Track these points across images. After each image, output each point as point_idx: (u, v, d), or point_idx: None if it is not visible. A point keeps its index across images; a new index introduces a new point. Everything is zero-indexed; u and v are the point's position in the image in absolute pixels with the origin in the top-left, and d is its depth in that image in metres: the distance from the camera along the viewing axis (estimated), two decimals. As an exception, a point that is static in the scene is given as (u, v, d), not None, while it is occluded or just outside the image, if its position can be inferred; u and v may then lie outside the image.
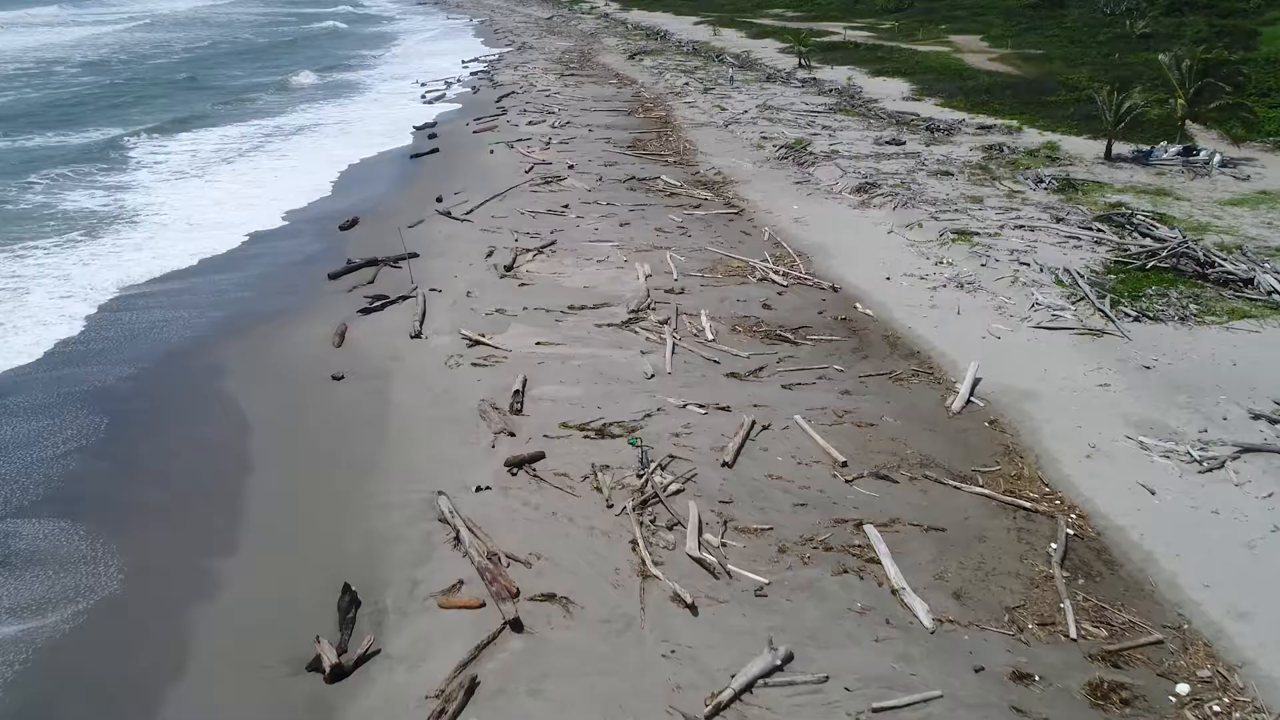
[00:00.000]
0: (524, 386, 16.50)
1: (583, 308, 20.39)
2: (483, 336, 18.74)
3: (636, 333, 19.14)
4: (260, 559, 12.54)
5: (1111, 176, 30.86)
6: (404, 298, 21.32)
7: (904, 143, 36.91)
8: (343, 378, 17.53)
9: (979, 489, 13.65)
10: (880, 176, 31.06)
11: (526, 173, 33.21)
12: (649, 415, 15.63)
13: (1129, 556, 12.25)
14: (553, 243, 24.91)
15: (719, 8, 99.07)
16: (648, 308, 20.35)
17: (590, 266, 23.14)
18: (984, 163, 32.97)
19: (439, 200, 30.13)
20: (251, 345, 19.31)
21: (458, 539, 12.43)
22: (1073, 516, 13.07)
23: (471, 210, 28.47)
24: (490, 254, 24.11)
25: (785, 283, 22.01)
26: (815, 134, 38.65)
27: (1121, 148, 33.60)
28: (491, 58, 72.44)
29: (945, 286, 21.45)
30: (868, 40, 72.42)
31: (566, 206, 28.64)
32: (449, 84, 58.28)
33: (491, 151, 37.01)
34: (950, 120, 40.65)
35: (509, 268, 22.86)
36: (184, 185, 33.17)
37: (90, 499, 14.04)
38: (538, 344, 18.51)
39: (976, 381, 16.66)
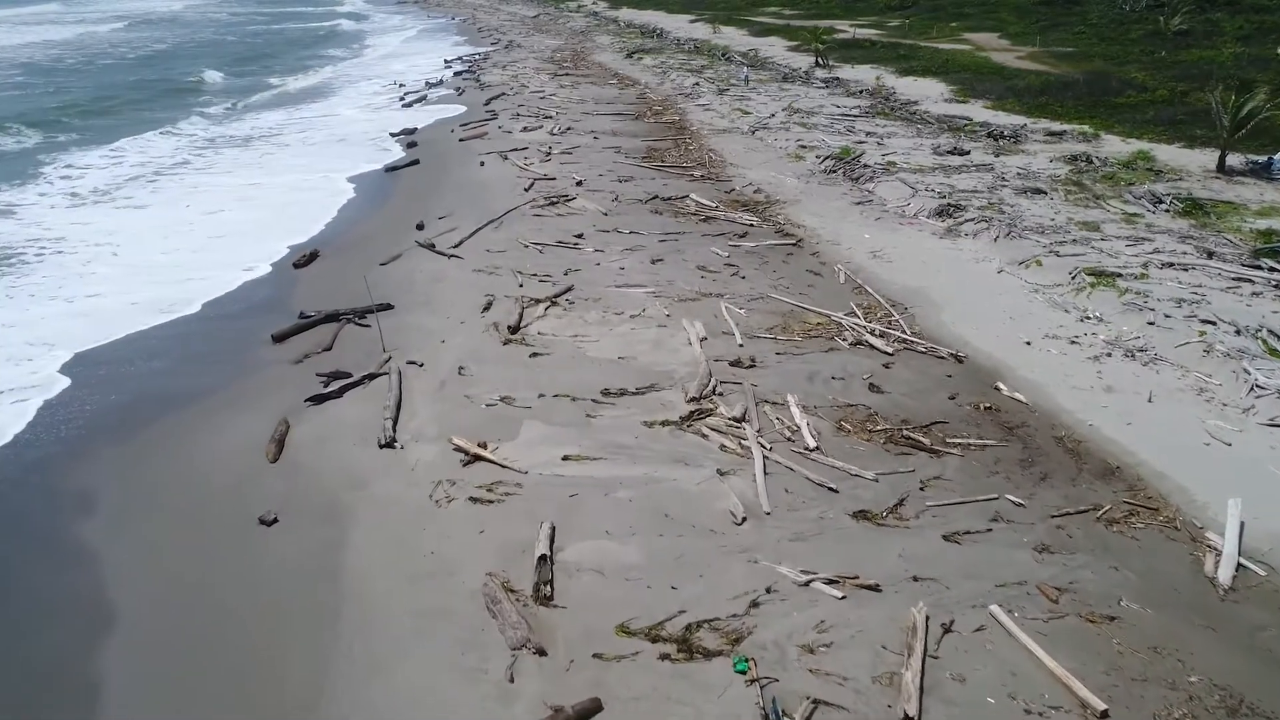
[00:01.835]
0: (552, 546, 10.68)
1: (622, 393, 14.56)
2: (484, 448, 12.87)
3: (705, 436, 13.33)
4: None
5: (1237, 194, 25.37)
6: (372, 376, 15.41)
7: (967, 152, 31.37)
8: (276, 521, 11.62)
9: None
10: (960, 195, 25.47)
11: (526, 190, 27.35)
12: (756, 603, 9.83)
13: None
14: (569, 289, 19.06)
15: (713, 6, 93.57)
16: (713, 392, 14.56)
17: (622, 324, 17.33)
18: (1075, 177, 27.44)
19: (419, 227, 24.24)
20: (143, 456, 13.37)
21: None
22: None
23: (461, 241, 22.58)
24: (488, 306, 18.23)
25: (889, 349, 16.28)
26: (861, 142, 33.03)
27: (1230, 158, 28.20)
28: (477, 57, 66.49)
29: (1110, 355, 15.79)
30: (882, 38, 67.70)
31: (580, 236, 22.79)
32: (431, 85, 52.29)
33: (482, 164, 31.13)
34: (1010, 125, 35.20)
35: (514, 328, 17.00)
36: (93, 212, 26.87)
37: None
38: (565, 459, 12.67)
39: (1241, 528, 11.00)
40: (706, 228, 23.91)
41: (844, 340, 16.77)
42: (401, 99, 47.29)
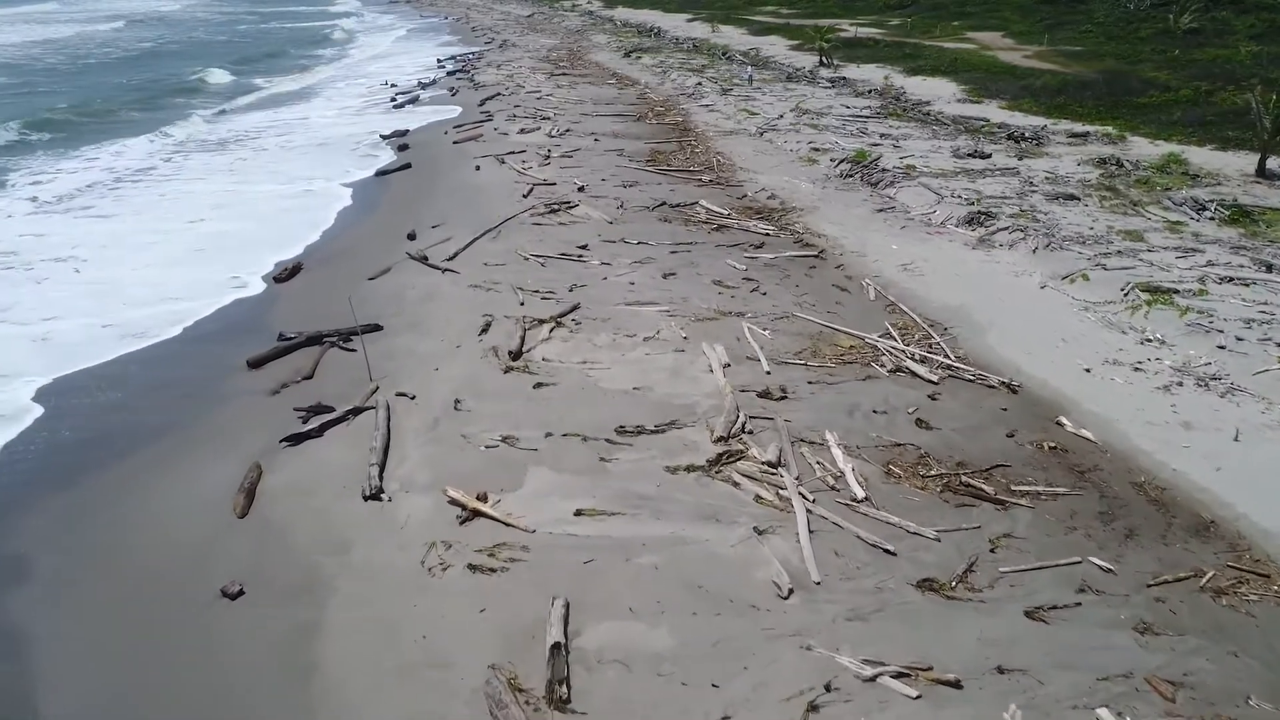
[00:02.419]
0: (567, 629, 8.98)
1: (639, 431, 12.87)
2: (484, 501, 11.17)
3: (736, 485, 11.66)
4: None
5: (1283, 200, 23.85)
6: (356, 411, 13.69)
7: (989, 154, 29.80)
8: (241, 593, 9.90)
9: None
10: (989, 202, 23.86)
11: (524, 197, 25.64)
12: (815, 706, 8.15)
13: None
14: (575, 308, 17.35)
15: (710, 5, 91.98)
16: (742, 430, 12.88)
17: (635, 348, 15.63)
18: (1107, 182, 25.88)
19: (411, 238, 22.53)
20: (91, 510, 11.63)
21: None
22: None
23: (456, 253, 20.87)
24: (486, 328, 16.51)
25: (934, 377, 14.62)
26: (876, 144, 31.42)
27: (1270, 161, 26.64)
28: (471, 56, 64.75)
29: (1181, 384, 14.16)
30: (885, 37, 66.40)
31: (585, 248, 21.10)
32: (424, 85, 50.54)
33: (477, 168, 29.41)
34: (1029, 127, 33.66)
35: (516, 354, 15.29)
36: (54, 222, 24.98)
37: None
38: (578, 514, 10.98)
39: (1380, 606, 9.38)
40: (720, 237, 22.24)
41: (882, 366, 15.10)
42: (393, 100, 45.53)
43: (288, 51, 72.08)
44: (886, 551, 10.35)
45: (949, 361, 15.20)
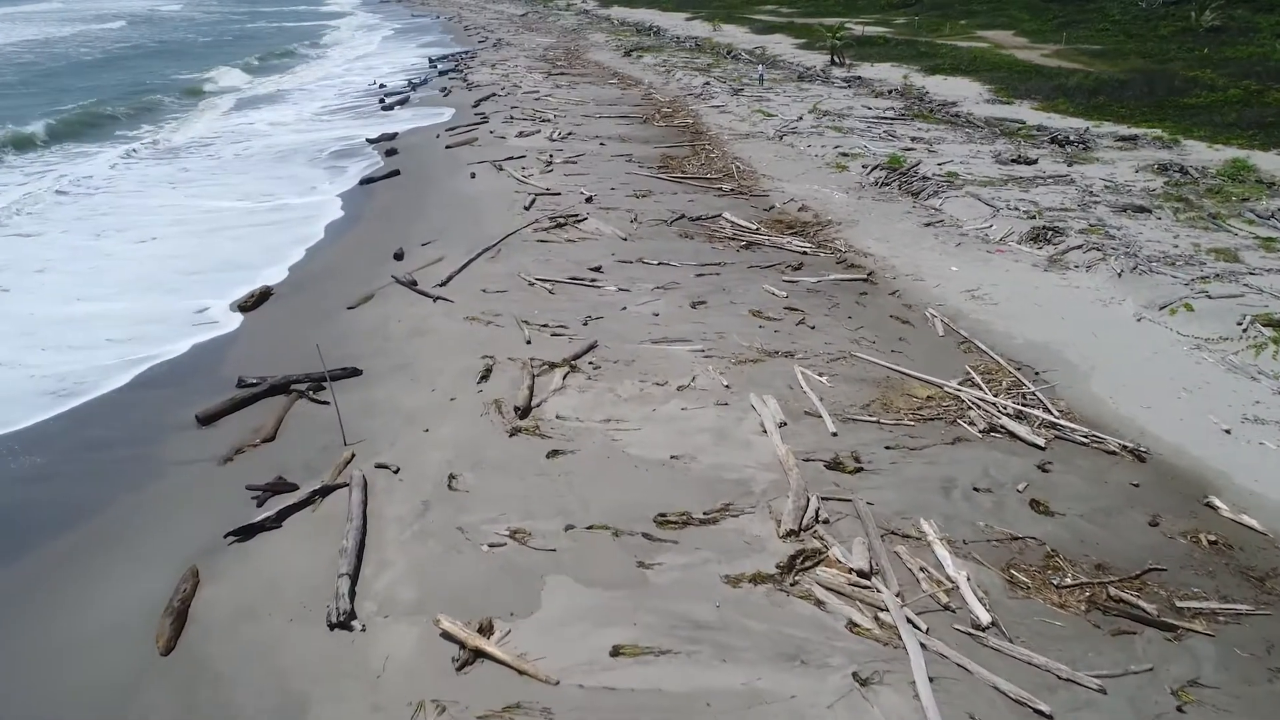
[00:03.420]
0: None
1: (685, 522, 10.08)
2: (488, 634, 8.36)
3: (820, 603, 8.88)
4: None
5: (1378, 212, 21.20)
6: (325, 491, 10.87)
7: (1034, 160, 27.15)
8: (152, 787, 7.10)
9: None
10: (1051, 215, 21.18)
11: (526, 209, 22.84)
12: None
13: None
14: (592, 347, 14.56)
15: (709, 3, 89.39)
16: (816, 518, 10.11)
17: (668, 401, 12.84)
18: (1174, 191, 23.21)
19: (398, 257, 19.74)
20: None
21: None
22: None
23: (450, 277, 18.06)
24: (486, 374, 13.70)
25: (1039, 439, 11.88)
26: (909, 149, 28.72)
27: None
28: (464, 55, 61.94)
29: (1350, 450, 11.46)
30: (894, 35, 64.21)
31: (598, 270, 18.32)
32: (414, 85, 47.75)
33: (473, 175, 26.61)
34: (1070, 129, 31.08)
35: (524, 410, 12.48)
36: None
37: None
38: (616, 653, 8.20)
39: None
40: (750, 256, 19.49)
41: (971, 424, 12.35)
42: (381, 101, 42.72)
43: (275, 50, 69.10)
44: (1039, 714, 7.59)
45: (1053, 419, 12.45)
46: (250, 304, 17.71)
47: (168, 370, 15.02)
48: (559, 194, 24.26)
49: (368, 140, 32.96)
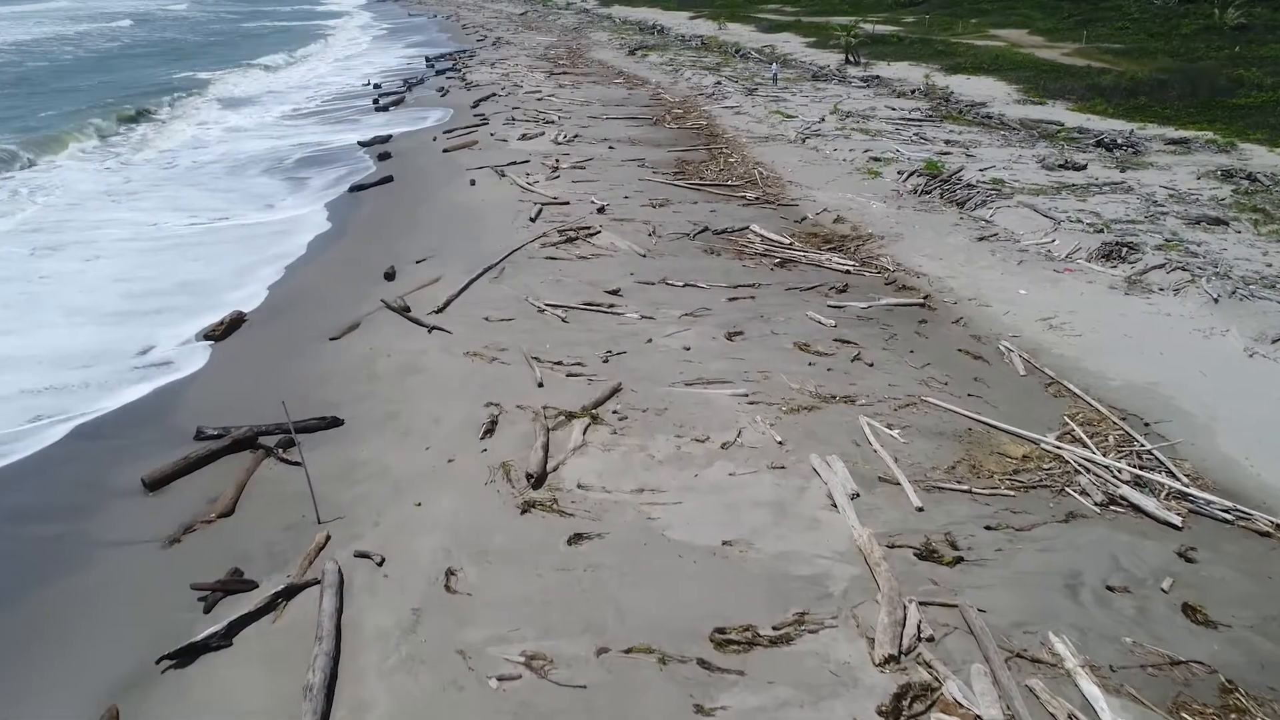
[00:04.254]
0: None
1: (750, 640, 7.82)
2: (503, 832, 6.11)
3: (945, 770, 6.65)
4: None
5: None
6: (290, 592, 8.61)
7: (1083, 165, 24.96)
8: None
9: None
10: (1120, 228, 18.99)
11: (532, 221, 20.60)
12: None
13: None
14: (616, 391, 12.31)
15: (711, 2, 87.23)
16: (918, 634, 7.87)
17: (711, 463, 10.59)
18: (1247, 201, 21.03)
19: (389, 276, 17.53)
20: None
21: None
22: None
23: (448, 302, 15.81)
24: (491, 427, 11.43)
25: (1174, 517, 9.64)
26: (944, 153, 26.54)
27: None
28: (462, 54, 59.71)
29: None
30: (907, 34, 62.39)
31: (617, 294, 16.08)
32: (410, 84, 45.52)
33: (473, 182, 24.37)
34: (1113, 131, 28.96)
35: (538, 477, 10.23)
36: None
37: None
38: None
39: None
40: (786, 276, 17.27)
41: (1082, 493, 10.13)
42: (375, 101, 40.47)
43: (264, 49, 66.82)
44: None
45: (1181, 486, 10.22)
46: (220, 331, 15.45)
47: (116, 417, 12.76)
48: (568, 203, 22.03)
49: (359, 143, 30.73)
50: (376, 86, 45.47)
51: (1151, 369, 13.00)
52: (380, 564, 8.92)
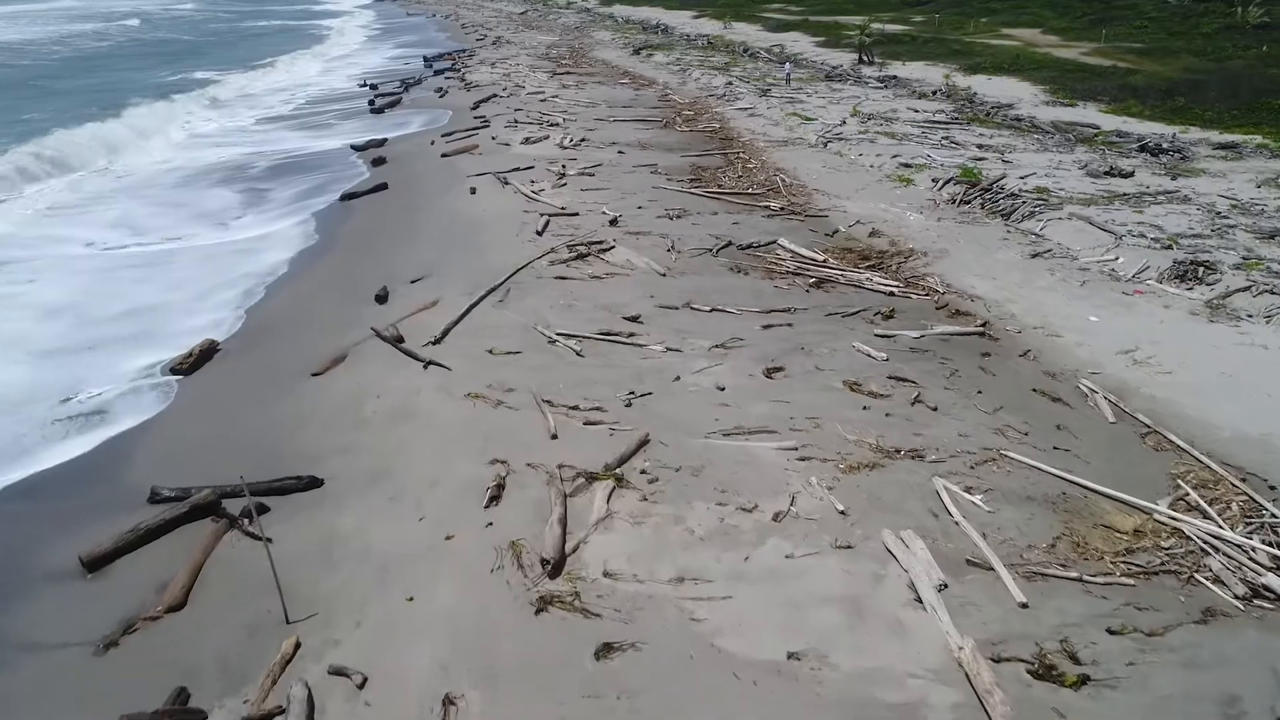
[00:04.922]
0: None
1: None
2: None
3: None
4: None
5: None
6: (245, 728, 6.83)
7: (1130, 173, 23.17)
8: None
9: None
10: (1186, 243, 17.21)
11: (539, 234, 18.80)
12: None
13: None
14: (644, 443, 10.49)
15: (713, 2, 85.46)
16: (1053, 799, 6.07)
17: (761, 541, 8.78)
18: (1319, 213, 19.29)
19: (380, 299, 15.72)
20: None
21: None
22: None
23: (446, 331, 13.98)
24: (498, 493, 9.60)
25: (1337, 616, 7.85)
26: (979, 159, 24.75)
27: None
28: (462, 53, 57.91)
29: None
30: (919, 33, 60.91)
31: (637, 320, 14.26)
32: (407, 85, 43.70)
33: (473, 191, 22.54)
34: (1155, 135, 27.29)
35: (556, 564, 8.41)
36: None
37: None
38: None
39: None
40: (824, 299, 15.47)
41: (1213, 578, 8.33)
42: (371, 103, 38.64)
43: (257, 49, 64.96)
44: None
45: (1338, 575, 8.42)
46: (188, 365, 13.64)
47: (56, 474, 10.94)
48: (576, 214, 20.22)
49: (352, 147, 28.93)
50: (373, 87, 43.65)
51: (1263, 415, 11.21)
52: (361, 685, 7.12)
